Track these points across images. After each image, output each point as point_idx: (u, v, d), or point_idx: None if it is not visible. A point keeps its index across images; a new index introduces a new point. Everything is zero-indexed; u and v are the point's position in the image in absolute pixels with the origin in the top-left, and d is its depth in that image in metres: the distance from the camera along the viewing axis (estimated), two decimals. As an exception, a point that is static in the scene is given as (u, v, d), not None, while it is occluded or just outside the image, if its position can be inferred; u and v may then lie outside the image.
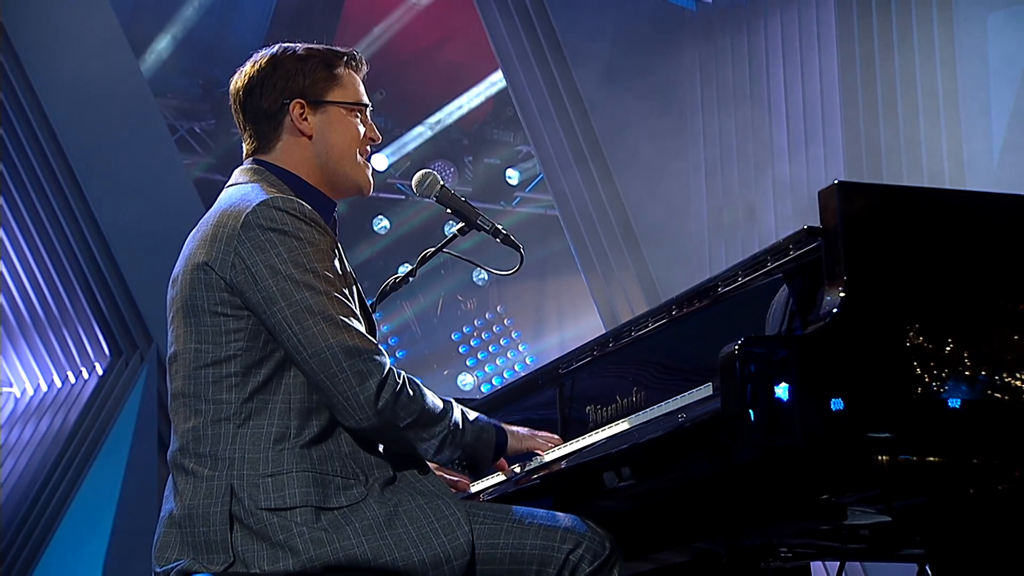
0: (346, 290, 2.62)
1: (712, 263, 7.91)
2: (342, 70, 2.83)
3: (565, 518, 2.66)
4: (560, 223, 8.35)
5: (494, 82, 10.04)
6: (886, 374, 2.35)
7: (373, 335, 2.66)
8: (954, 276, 2.47)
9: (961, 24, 7.00)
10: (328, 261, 2.61)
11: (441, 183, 3.18)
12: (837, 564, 3.31)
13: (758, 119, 7.83)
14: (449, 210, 3.20)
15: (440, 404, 2.66)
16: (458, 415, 2.69)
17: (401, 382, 2.58)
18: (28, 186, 7.18)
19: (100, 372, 7.36)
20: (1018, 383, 2.42)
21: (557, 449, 2.86)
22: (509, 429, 2.82)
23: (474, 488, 3.01)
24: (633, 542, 2.91)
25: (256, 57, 2.83)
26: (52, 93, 7.06)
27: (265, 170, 2.76)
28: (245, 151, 2.84)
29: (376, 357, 2.55)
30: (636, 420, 2.74)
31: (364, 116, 2.85)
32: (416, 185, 3.20)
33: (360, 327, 2.58)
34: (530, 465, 2.87)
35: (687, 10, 8.30)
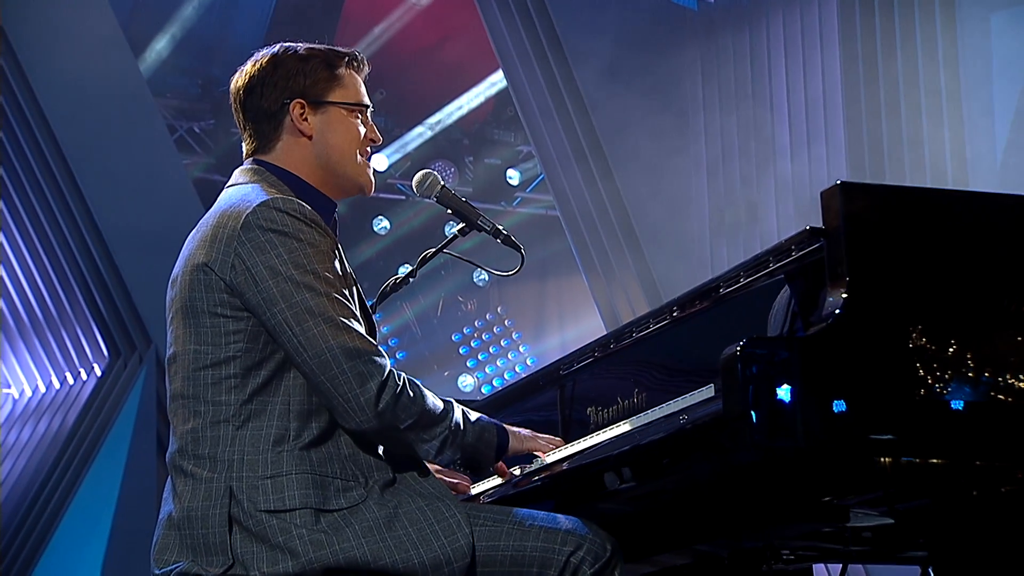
0: (346, 291, 2.62)
1: (714, 262, 7.90)
2: (343, 70, 2.82)
3: (566, 520, 2.66)
4: (561, 223, 8.34)
5: (495, 82, 10.03)
6: (889, 376, 2.34)
7: (373, 336, 2.65)
8: (957, 277, 2.47)
9: (964, 23, 6.99)
10: (328, 262, 2.60)
11: (442, 183, 3.18)
12: (839, 566, 3.31)
13: (760, 118, 7.82)
14: (450, 210, 3.19)
15: (441, 405, 2.65)
16: (459, 416, 2.68)
17: (401, 384, 2.57)
18: (26, 186, 7.17)
19: (99, 373, 7.35)
20: (1021, 384, 2.42)
21: (558, 451, 2.85)
22: (511, 429, 2.81)
23: (474, 490, 3.00)
24: (634, 544, 2.91)
25: (257, 56, 2.82)
26: (51, 93, 7.05)
27: (265, 170, 2.75)
28: (245, 151, 2.83)
29: (376, 359, 2.54)
30: (637, 422, 2.74)
31: (365, 117, 2.85)
32: (417, 185, 3.19)
33: (360, 329, 2.57)
34: (531, 467, 2.86)
35: (689, 10, 8.28)
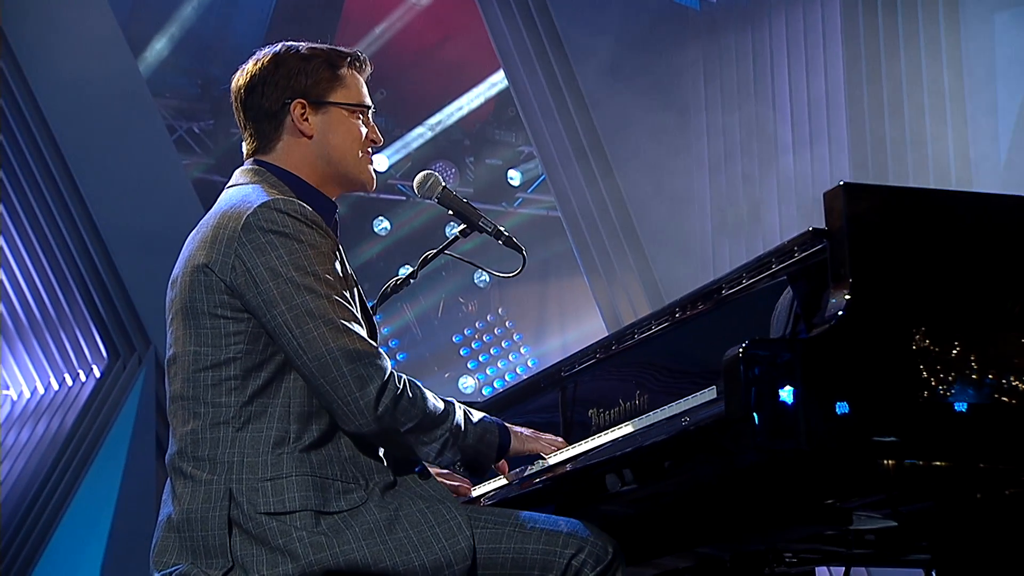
0: (347, 293, 2.61)
1: (716, 262, 7.89)
2: (346, 71, 2.81)
3: (567, 523, 2.65)
4: (562, 224, 8.33)
5: (495, 82, 10.02)
6: (892, 377, 2.33)
7: (374, 338, 2.64)
8: (960, 279, 2.46)
9: (968, 22, 6.99)
10: (329, 264, 2.59)
11: (443, 184, 3.17)
12: (842, 569, 3.30)
13: (763, 116, 7.81)
14: (450, 211, 3.19)
15: (442, 407, 2.64)
16: (460, 417, 2.67)
17: (401, 387, 2.56)
18: (25, 187, 7.16)
19: (98, 375, 7.34)
20: (1026, 386, 2.41)
21: (559, 452, 2.84)
22: (513, 429, 2.80)
23: (475, 492, 2.99)
24: (636, 547, 2.90)
25: (259, 55, 2.81)
26: (50, 93, 7.03)
27: (266, 171, 2.74)
28: (245, 151, 2.82)
29: (377, 361, 2.53)
30: (639, 423, 2.73)
31: (366, 117, 2.84)
32: (417, 186, 3.18)
33: (361, 331, 2.56)
34: (532, 469, 2.85)
35: (691, 8, 8.27)
